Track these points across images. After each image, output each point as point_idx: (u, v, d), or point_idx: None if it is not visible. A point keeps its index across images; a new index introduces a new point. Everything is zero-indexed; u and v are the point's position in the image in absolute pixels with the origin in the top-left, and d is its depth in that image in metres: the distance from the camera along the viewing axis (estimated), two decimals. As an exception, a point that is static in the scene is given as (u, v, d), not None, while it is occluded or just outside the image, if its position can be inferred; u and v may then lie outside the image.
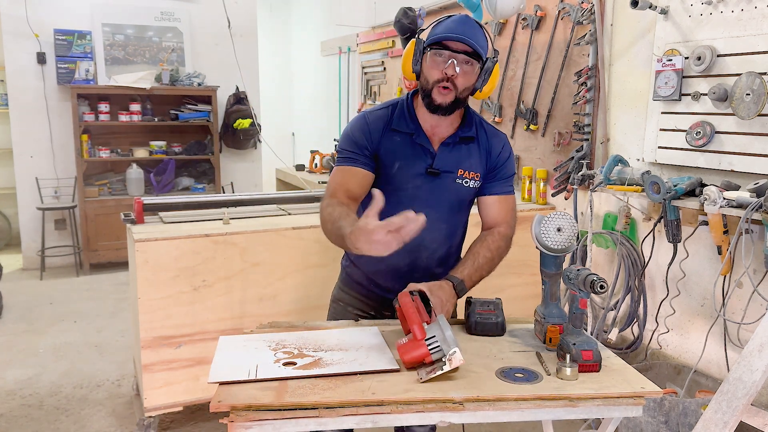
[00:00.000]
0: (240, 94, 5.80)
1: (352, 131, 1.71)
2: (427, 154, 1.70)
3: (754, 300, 2.40)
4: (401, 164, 1.69)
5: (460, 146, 1.73)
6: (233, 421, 1.26)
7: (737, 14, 2.37)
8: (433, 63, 1.62)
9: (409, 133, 1.70)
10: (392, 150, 1.69)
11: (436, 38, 1.60)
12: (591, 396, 1.36)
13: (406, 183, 1.70)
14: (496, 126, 3.84)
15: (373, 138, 1.69)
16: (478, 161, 1.75)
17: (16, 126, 5.28)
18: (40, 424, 2.84)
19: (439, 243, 1.79)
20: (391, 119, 1.71)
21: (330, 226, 1.53)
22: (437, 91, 1.62)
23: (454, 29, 1.60)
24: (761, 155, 2.29)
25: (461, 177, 1.73)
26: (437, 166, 1.70)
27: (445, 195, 1.73)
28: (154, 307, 2.53)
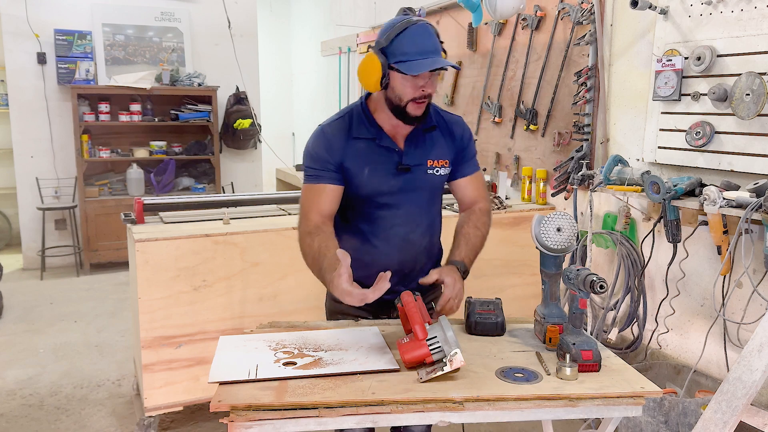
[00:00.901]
0: (240, 94, 5.80)
1: (313, 148, 1.71)
2: (394, 153, 1.71)
3: (754, 300, 2.40)
4: (370, 168, 1.69)
5: (424, 137, 1.74)
6: (233, 421, 1.26)
7: (737, 14, 2.37)
8: (407, 82, 1.60)
9: (371, 138, 1.70)
10: (358, 157, 1.69)
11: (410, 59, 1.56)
12: (591, 396, 1.36)
13: (380, 185, 1.71)
14: (495, 126, 3.86)
15: (335, 151, 1.68)
16: (445, 148, 1.77)
17: (17, 126, 5.28)
18: (41, 424, 2.84)
19: (423, 236, 1.81)
20: (350, 128, 1.71)
21: (310, 260, 1.62)
22: (413, 106, 1.62)
23: (425, 47, 1.57)
24: (761, 155, 2.29)
25: (432, 167, 1.75)
26: (406, 162, 1.71)
27: (420, 188, 1.75)
28: (154, 307, 2.53)
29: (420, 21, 1.61)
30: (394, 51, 1.59)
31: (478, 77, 4.01)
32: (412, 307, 1.47)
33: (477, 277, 3.20)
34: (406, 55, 1.57)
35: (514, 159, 3.72)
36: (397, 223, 1.75)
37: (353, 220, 1.77)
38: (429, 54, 1.58)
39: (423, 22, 1.62)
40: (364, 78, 1.64)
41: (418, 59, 1.57)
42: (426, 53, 1.57)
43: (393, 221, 1.74)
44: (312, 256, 1.62)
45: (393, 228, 1.74)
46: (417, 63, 1.56)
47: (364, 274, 1.68)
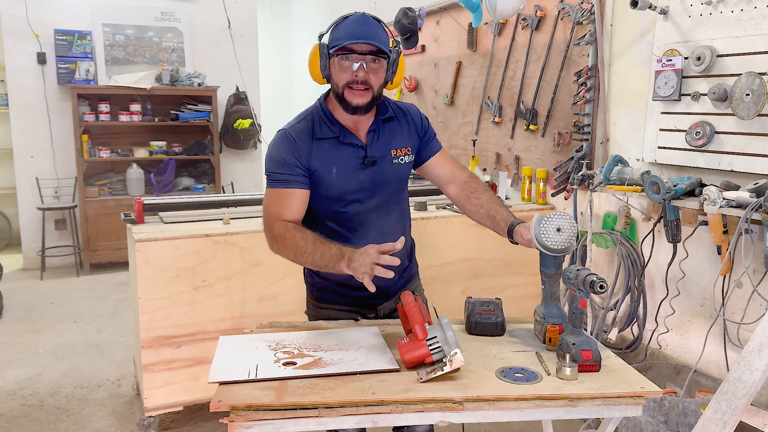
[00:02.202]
0: (240, 94, 5.80)
1: (280, 153, 1.69)
2: (358, 148, 1.73)
3: (754, 300, 2.40)
4: (338, 167, 1.71)
5: (384, 128, 1.77)
6: (233, 421, 1.26)
7: (737, 14, 2.37)
8: (341, 67, 1.64)
9: (334, 136, 1.71)
10: (324, 158, 1.70)
11: (341, 44, 1.61)
12: (591, 396, 1.36)
13: (349, 182, 1.72)
14: (495, 126, 3.85)
15: (302, 154, 1.68)
16: (407, 136, 1.80)
17: (17, 126, 5.28)
18: (41, 424, 2.84)
19: (398, 226, 1.82)
20: (313, 129, 1.71)
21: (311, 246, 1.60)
22: (349, 92, 1.64)
23: (356, 32, 1.62)
24: (761, 155, 2.29)
25: (396, 156, 1.77)
26: (371, 155, 1.73)
27: (388, 179, 1.77)
28: (154, 307, 2.53)
29: (361, 12, 1.69)
30: (331, 39, 1.66)
31: (478, 77, 4.01)
32: (412, 307, 1.47)
33: (477, 277, 3.22)
34: (339, 40, 1.63)
35: (514, 159, 3.72)
36: (370, 217, 1.76)
37: (324, 221, 1.77)
38: (360, 38, 1.61)
39: (363, 13, 1.68)
40: (310, 67, 1.72)
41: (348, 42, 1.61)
42: (357, 37, 1.61)
43: (366, 216, 1.75)
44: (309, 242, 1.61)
45: (367, 222, 1.75)
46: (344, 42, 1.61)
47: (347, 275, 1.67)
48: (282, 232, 1.65)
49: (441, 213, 3.13)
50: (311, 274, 1.87)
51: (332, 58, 1.66)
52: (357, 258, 1.51)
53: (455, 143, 4.31)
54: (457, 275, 3.15)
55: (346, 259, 1.53)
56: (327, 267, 1.59)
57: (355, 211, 1.74)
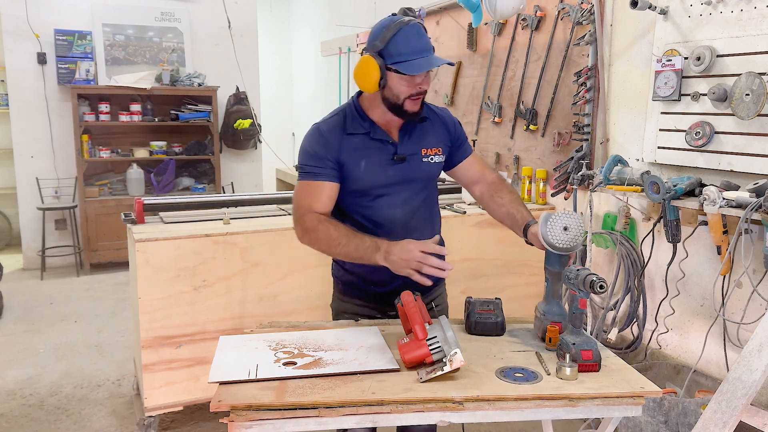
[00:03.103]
0: (240, 94, 5.80)
1: (310, 145, 1.74)
2: (388, 144, 1.76)
3: (754, 300, 2.40)
4: (366, 162, 1.73)
5: (416, 128, 1.80)
6: (233, 421, 1.26)
7: (737, 14, 2.37)
8: (403, 80, 1.65)
9: (365, 132, 1.74)
10: (354, 152, 1.73)
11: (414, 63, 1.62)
12: (591, 396, 1.36)
13: (377, 176, 1.74)
14: (495, 126, 3.86)
15: (332, 147, 1.72)
16: (437, 138, 1.83)
17: (17, 126, 5.28)
18: (41, 424, 2.84)
19: (425, 223, 1.83)
20: (344, 124, 1.75)
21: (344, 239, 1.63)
22: (410, 103, 1.68)
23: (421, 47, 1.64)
24: (761, 155, 2.29)
25: (426, 155, 1.80)
26: (401, 152, 1.76)
27: (416, 177, 1.79)
28: (154, 307, 2.53)
29: (411, 21, 1.67)
30: (390, 52, 1.64)
31: (478, 77, 4.01)
32: (412, 307, 1.48)
33: (477, 277, 3.22)
34: (402, 56, 1.63)
35: (514, 159, 3.72)
36: (396, 213, 1.77)
37: (351, 215, 1.79)
38: (424, 53, 1.65)
39: (413, 21, 1.67)
40: (362, 80, 1.68)
41: (415, 59, 1.63)
42: (421, 52, 1.64)
43: (392, 211, 1.76)
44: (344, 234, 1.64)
45: (393, 218, 1.76)
46: (415, 63, 1.63)
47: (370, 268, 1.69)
48: (314, 224, 1.68)
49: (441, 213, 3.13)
50: (338, 267, 1.91)
51: (391, 73, 1.65)
52: (395, 252, 1.55)
53: (455, 143, 4.30)
54: (457, 275, 3.15)
55: (382, 252, 1.57)
56: (361, 258, 1.62)
57: (382, 206, 1.76)
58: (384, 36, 1.65)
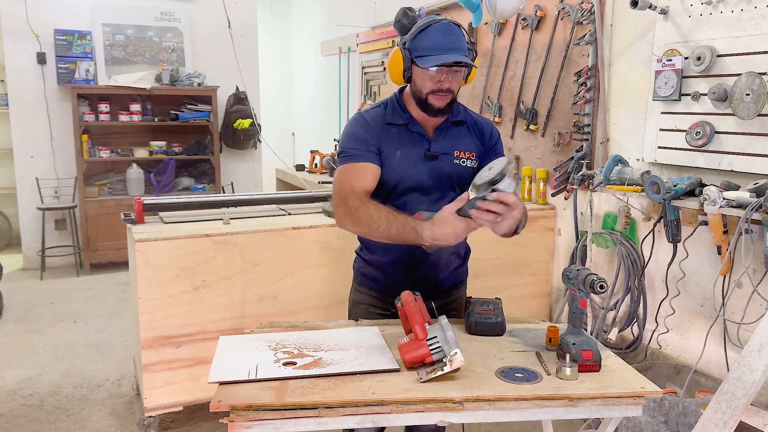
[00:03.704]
0: (240, 94, 5.80)
1: (354, 130, 1.79)
2: (423, 140, 1.80)
3: (754, 300, 2.40)
4: (402, 152, 1.77)
5: (452, 130, 1.83)
6: (233, 421, 1.26)
7: (737, 14, 2.37)
8: (426, 76, 1.69)
9: (403, 124, 1.79)
10: (392, 141, 1.78)
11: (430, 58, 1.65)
12: (591, 396, 1.36)
13: (409, 168, 1.77)
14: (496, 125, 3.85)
15: (375, 133, 1.77)
16: (471, 142, 1.85)
17: (17, 126, 5.28)
18: (41, 424, 2.84)
19: None
20: (385, 115, 1.81)
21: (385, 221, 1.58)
22: (433, 98, 1.71)
23: (443, 44, 1.66)
24: (761, 155, 2.29)
25: (458, 157, 1.82)
26: (434, 150, 1.79)
27: (446, 175, 1.81)
28: (154, 307, 2.53)
29: (444, 20, 1.71)
30: (416, 46, 1.70)
31: (478, 77, 4.01)
32: (412, 307, 1.47)
33: (477, 277, 3.22)
34: (423, 50, 1.68)
35: (514, 159, 3.72)
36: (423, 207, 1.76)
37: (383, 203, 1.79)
38: (446, 51, 1.66)
39: (447, 21, 1.71)
40: (391, 71, 1.79)
41: (432, 54, 1.66)
42: (442, 49, 1.66)
43: (419, 206, 1.77)
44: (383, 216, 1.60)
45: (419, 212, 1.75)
46: (431, 58, 1.66)
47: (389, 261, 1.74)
48: (356, 205, 1.64)
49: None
50: (360, 258, 1.94)
51: (416, 66, 1.70)
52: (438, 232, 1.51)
53: (455, 143, 4.30)
54: (457, 275, 3.15)
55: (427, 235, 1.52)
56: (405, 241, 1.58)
57: (411, 201, 1.78)
58: (414, 31, 1.72)
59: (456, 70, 1.70)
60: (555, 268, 3.43)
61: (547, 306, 3.46)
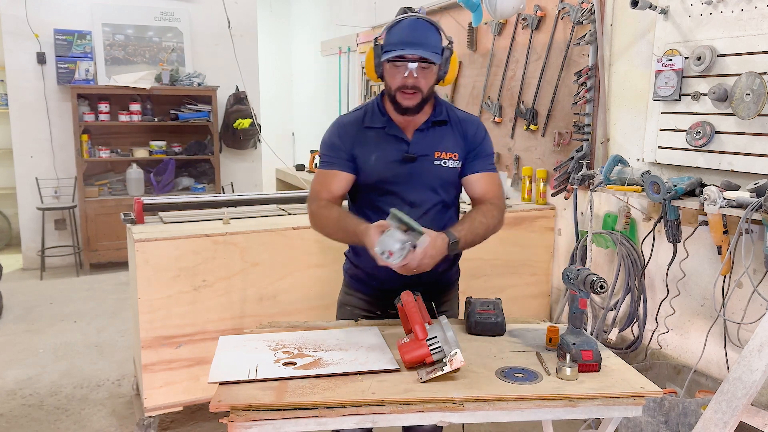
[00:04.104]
0: (240, 94, 5.80)
1: (329, 137, 1.83)
2: (402, 142, 1.77)
3: (754, 300, 2.40)
4: (377, 155, 1.76)
5: (434, 130, 1.80)
6: (233, 421, 1.26)
7: (737, 14, 2.37)
8: (393, 72, 1.69)
9: (381, 127, 1.78)
10: (368, 145, 1.78)
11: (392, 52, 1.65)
12: (591, 396, 1.36)
13: (386, 172, 1.76)
14: (495, 126, 3.85)
15: (347, 139, 1.78)
16: (454, 142, 1.81)
17: (16, 126, 5.28)
18: (41, 424, 2.84)
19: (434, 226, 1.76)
20: (363, 119, 1.81)
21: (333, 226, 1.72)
22: (401, 95, 1.70)
23: (406, 38, 1.65)
24: (761, 155, 2.29)
25: (439, 158, 1.78)
26: (413, 152, 1.77)
27: (426, 178, 1.78)
28: (154, 307, 2.53)
29: (413, 16, 1.69)
30: (386, 41, 1.70)
31: (478, 77, 4.01)
32: (412, 307, 1.47)
33: (477, 277, 3.22)
34: (389, 45, 1.68)
35: (514, 159, 3.72)
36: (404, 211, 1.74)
37: (364, 208, 1.82)
38: (408, 45, 1.64)
39: (416, 17, 1.69)
40: (366, 66, 1.79)
41: (395, 49, 1.65)
42: (405, 44, 1.64)
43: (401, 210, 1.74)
44: (333, 221, 1.72)
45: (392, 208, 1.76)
46: (392, 51, 1.66)
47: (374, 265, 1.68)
48: (316, 210, 1.77)
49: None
50: (348, 260, 1.95)
51: (385, 63, 1.71)
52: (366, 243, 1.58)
53: (455, 143, 4.30)
54: (457, 275, 3.15)
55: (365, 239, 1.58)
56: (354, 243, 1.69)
57: (390, 203, 1.76)
58: (387, 26, 1.71)
59: (424, 67, 1.67)
60: (555, 268, 3.43)
61: (547, 306, 3.46)
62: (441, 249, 1.59)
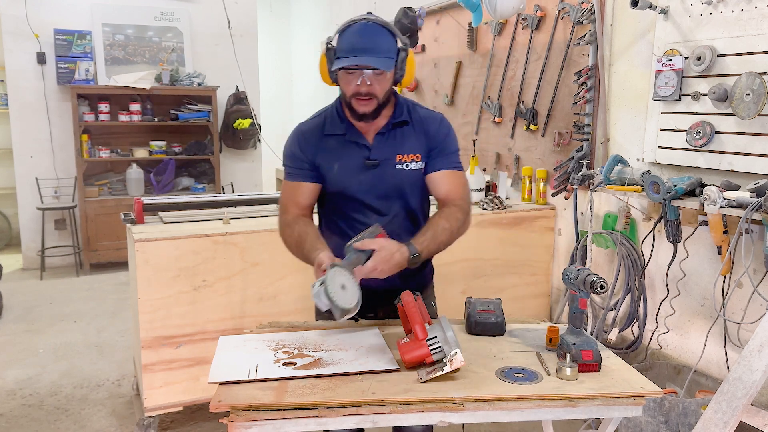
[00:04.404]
0: (240, 94, 5.80)
1: (290, 147, 1.78)
2: (363, 148, 1.73)
3: (754, 300, 2.40)
4: (340, 164, 1.73)
5: (395, 132, 1.74)
6: (233, 421, 1.26)
7: (737, 14, 2.37)
8: (347, 78, 1.64)
9: (341, 134, 1.74)
10: (329, 153, 1.73)
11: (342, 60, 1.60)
12: (591, 396, 1.36)
13: (350, 179, 1.73)
14: (495, 126, 3.85)
15: (308, 149, 1.74)
16: (417, 143, 1.75)
17: (16, 126, 5.28)
18: (41, 424, 2.84)
19: (403, 231, 1.76)
20: (323, 125, 1.75)
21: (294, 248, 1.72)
22: (356, 102, 1.65)
23: (356, 45, 1.60)
24: (761, 155, 2.29)
25: (401, 162, 1.73)
26: (374, 157, 1.72)
27: (390, 183, 1.74)
28: (154, 307, 2.53)
29: (363, 20, 1.65)
30: (336, 48, 1.66)
31: (478, 77, 4.01)
32: (412, 307, 1.47)
33: (477, 276, 3.22)
34: (340, 51, 1.63)
35: (514, 159, 3.72)
36: (372, 217, 1.75)
37: (331, 215, 1.81)
38: (357, 52, 1.59)
39: (366, 21, 1.64)
40: (320, 73, 1.74)
41: (345, 56, 1.60)
42: (355, 51, 1.59)
43: (366, 215, 1.75)
44: (293, 243, 1.72)
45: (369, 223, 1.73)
46: (341, 59, 1.60)
47: None
48: (282, 226, 1.77)
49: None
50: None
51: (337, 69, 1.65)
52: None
53: (455, 143, 4.30)
54: (457, 275, 3.15)
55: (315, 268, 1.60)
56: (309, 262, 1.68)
57: (358, 210, 1.75)
58: (338, 30, 1.67)
59: (377, 72, 1.61)
60: (555, 268, 3.43)
61: (547, 306, 3.46)
62: (399, 263, 1.56)
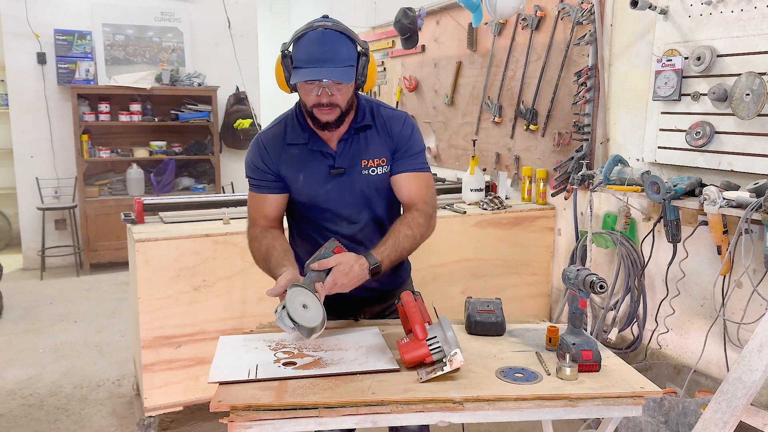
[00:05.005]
0: (240, 94, 5.80)
1: (251, 158, 1.73)
2: (327, 156, 1.69)
3: (754, 300, 2.40)
4: (305, 174, 1.69)
5: (359, 137, 1.70)
6: (233, 421, 1.26)
7: (737, 14, 2.37)
8: (306, 89, 1.58)
9: (303, 143, 1.69)
10: (292, 164, 1.69)
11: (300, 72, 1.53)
12: (591, 396, 1.36)
13: (317, 189, 1.70)
14: (495, 126, 3.85)
15: (271, 160, 1.69)
16: (381, 146, 1.70)
17: (17, 126, 5.28)
18: (41, 424, 2.84)
19: (373, 235, 1.75)
20: (285, 134, 1.70)
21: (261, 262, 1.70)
22: (318, 112, 1.59)
23: (313, 55, 1.52)
24: (761, 155, 2.29)
25: (366, 167, 1.69)
26: (339, 165, 1.68)
27: (357, 190, 1.70)
28: (154, 307, 2.53)
29: (321, 27, 1.56)
30: (293, 56, 1.58)
31: (478, 77, 4.01)
32: (412, 307, 1.47)
33: (477, 277, 3.22)
34: (297, 61, 1.55)
35: (514, 159, 3.72)
36: (341, 226, 1.73)
37: (302, 223, 1.79)
38: (317, 63, 1.52)
39: (323, 28, 1.55)
40: (277, 79, 1.68)
41: (303, 67, 1.54)
42: (314, 62, 1.52)
43: (337, 224, 1.73)
44: (261, 258, 1.69)
45: (338, 231, 1.73)
46: (300, 71, 1.54)
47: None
48: (250, 240, 1.75)
49: (441, 213, 3.13)
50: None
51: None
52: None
53: (455, 143, 4.31)
54: (457, 275, 3.15)
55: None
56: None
57: (327, 219, 1.73)
58: (293, 38, 1.59)
59: (338, 82, 1.55)
60: (555, 268, 3.43)
61: (547, 306, 3.46)
62: (358, 275, 1.53)
